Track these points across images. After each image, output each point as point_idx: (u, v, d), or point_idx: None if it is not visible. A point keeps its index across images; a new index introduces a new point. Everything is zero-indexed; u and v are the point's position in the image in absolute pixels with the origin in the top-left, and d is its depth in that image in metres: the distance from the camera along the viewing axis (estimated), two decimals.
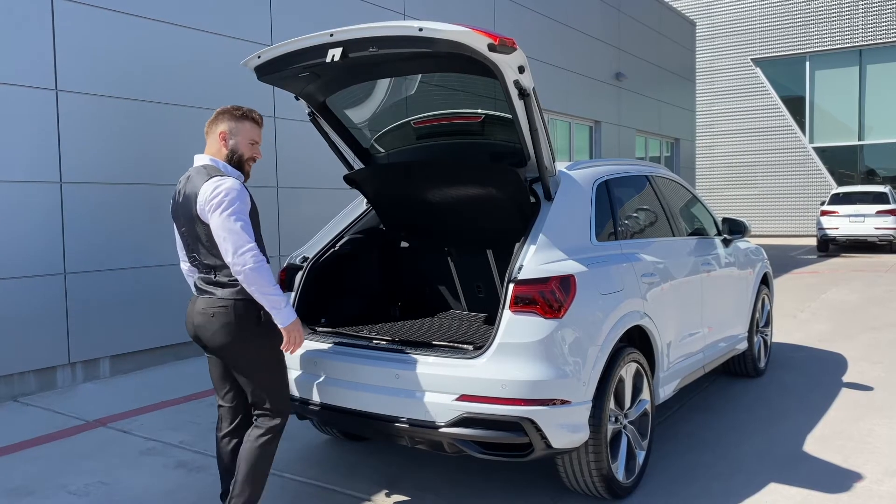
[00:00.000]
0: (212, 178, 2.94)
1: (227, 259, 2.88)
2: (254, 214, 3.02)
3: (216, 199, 2.87)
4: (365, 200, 4.48)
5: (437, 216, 4.33)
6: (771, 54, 25.34)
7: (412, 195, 4.20)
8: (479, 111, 3.92)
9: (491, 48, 2.99)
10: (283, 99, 7.25)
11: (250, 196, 3.01)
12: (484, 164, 4.02)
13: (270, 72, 3.55)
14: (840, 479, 3.87)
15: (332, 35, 3.25)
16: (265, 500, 3.64)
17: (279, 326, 2.99)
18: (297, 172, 8.05)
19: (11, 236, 5.62)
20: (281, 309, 2.95)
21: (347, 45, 3.24)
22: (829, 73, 24.62)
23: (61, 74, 5.91)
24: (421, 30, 3.03)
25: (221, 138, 3.06)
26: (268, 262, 2.96)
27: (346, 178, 4.21)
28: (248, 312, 2.98)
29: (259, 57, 3.50)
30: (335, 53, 3.25)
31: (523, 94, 3.23)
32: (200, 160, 3.09)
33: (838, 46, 24.14)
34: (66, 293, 5.94)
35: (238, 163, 3.10)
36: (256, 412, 3.12)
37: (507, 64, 3.09)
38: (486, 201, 3.94)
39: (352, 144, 4.30)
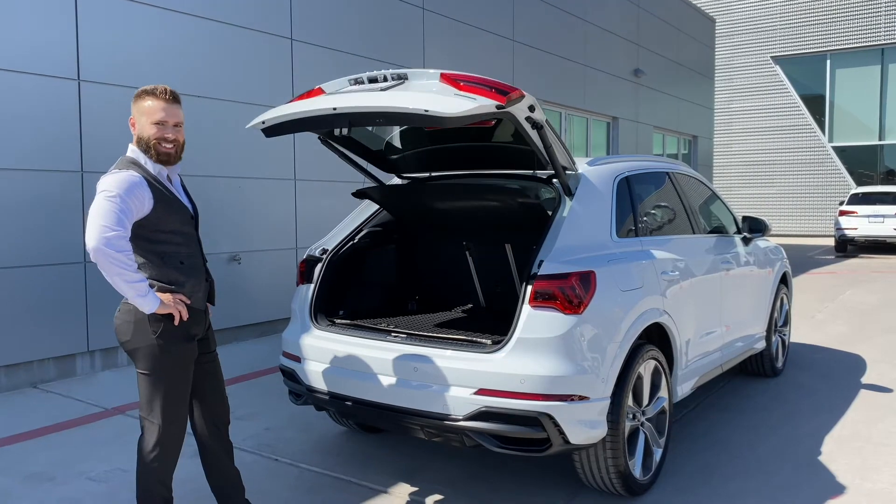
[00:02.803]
0: (107, 173, 2.74)
1: None
2: (166, 211, 2.79)
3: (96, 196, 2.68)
4: None
5: (454, 223, 4.38)
6: (791, 52, 25.07)
7: (427, 209, 4.25)
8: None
9: (499, 108, 2.98)
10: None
11: (163, 191, 2.79)
12: (501, 187, 3.96)
13: (276, 133, 3.52)
14: (858, 480, 3.84)
15: (335, 109, 3.16)
16: (282, 490, 3.68)
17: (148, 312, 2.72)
18: (315, 165, 8.06)
19: (33, 224, 5.67)
20: (145, 295, 2.68)
21: (353, 119, 3.17)
22: (850, 71, 24.33)
23: (83, 65, 5.96)
24: (427, 111, 2.90)
25: (132, 125, 2.83)
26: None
27: (356, 195, 4.21)
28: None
29: (263, 123, 3.45)
30: (342, 128, 3.20)
31: (536, 126, 3.25)
32: None
33: (860, 45, 23.85)
34: (85, 281, 5.99)
35: (146, 149, 2.79)
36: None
37: (518, 109, 3.10)
38: (504, 213, 3.95)
39: (364, 154, 4.28)
